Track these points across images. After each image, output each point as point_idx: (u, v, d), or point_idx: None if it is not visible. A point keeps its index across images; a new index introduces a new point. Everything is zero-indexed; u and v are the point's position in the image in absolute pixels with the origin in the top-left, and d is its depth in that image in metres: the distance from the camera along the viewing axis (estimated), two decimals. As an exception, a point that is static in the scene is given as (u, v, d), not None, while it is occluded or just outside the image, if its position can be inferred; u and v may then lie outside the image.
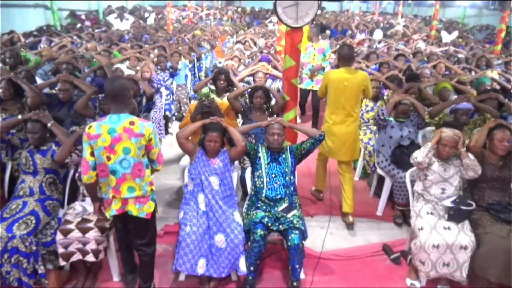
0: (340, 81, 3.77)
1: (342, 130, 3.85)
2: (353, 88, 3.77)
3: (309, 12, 3.69)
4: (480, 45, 10.74)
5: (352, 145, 3.92)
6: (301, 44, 3.88)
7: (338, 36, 11.20)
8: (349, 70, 3.82)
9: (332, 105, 3.88)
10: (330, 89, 3.86)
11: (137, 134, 2.55)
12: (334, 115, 3.87)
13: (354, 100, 3.82)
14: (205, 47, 8.76)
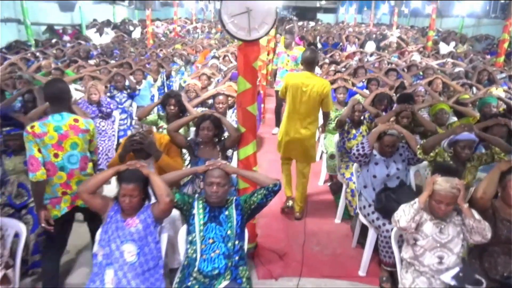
0: (299, 86, 3.76)
1: (298, 132, 3.87)
2: (311, 96, 3.75)
3: (265, 21, 2.89)
4: (481, 56, 9.97)
5: (308, 148, 3.95)
6: (257, 62, 3.07)
7: (327, 49, 10.44)
8: (310, 76, 3.80)
9: (289, 108, 3.91)
10: (289, 92, 3.86)
11: (83, 130, 2.75)
12: (291, 118, 3.89)
13: (311, 108, 3.83)
14: (178, 63, 7.98)
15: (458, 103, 4.59)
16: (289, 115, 3.91)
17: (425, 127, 4.02)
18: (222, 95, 4.28)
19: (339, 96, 5.06)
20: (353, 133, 4.26)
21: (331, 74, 6.53)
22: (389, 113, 4.10)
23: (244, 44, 2.97)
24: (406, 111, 3.99)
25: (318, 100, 3.76)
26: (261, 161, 5.84)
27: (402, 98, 4.23)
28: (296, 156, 4.05)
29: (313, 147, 4.02)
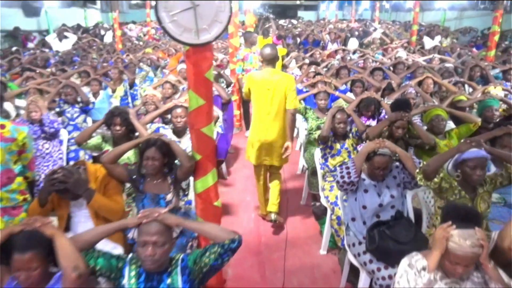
0: (262, 84, 3.54)
1: (269, 135, 3.62)
2: (276, 93, 3.51)
3: (217, 19, 2.24)
4: (467, 49, 9.50)
5: (281, 150, 3.66)
6: (211, 71, 2.42)
7: (308, 48, 9.86)
8: (272, 72, 3.55)
9: (256, 109, 3.67)
10: (252, 92, 3.63)
11: (7, 138, 2.47)
12: (259, 120, 3.64)
13: (279, 106, 3.56)
14: (145, 69, 7.27)
15: (454, 107, 4.02)
16: (257, 117, 3.66)
17: (422, 140, 3.43)
18: (181, 107, 3.61)
19: (320, 102, 4.44)
20: (337, 148, 3.63)
21: (311, 76, 5.92)
22: (382, 123, 3.50)
23: (192, 50, 2.32)
24: (402, 120, 3.40)
25: (284, 96, 3.51)
26: (237, 178, 5.28)
27: (397, 105, 3.63)
28: (271, 161, 3.76)
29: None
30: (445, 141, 3.60)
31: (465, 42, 11.89)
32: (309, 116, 4.48)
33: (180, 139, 3.60)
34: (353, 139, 3.66)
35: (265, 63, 3.57)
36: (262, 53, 3.54)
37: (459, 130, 3.69)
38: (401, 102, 3.68)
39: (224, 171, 5.17)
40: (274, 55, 3.53)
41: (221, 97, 4.97)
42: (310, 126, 4.46)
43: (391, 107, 3.71)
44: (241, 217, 4.27)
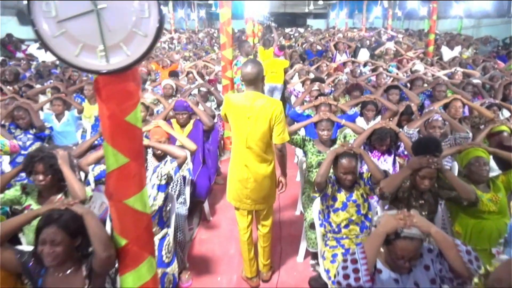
0: (241, 111, 2.76)
1: (249, 173, 2.83)
2: (258, 124, 2.73)
3: (138, 31, 1.35)
4: (492, 61, 8.49)
5: (268, 191, 2.94)
6: (137, 113, 1.53)
7: (314, 59, 8.97)
8: (254, 97, 2.74)
9: (235, 140, 2.89)
10: (230, 119, 2.87)
11: None
12: (239, 153, 2.85)
13: (263, 139, 2.78)
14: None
15: (498, 144, 3.07)
16: (235, 150, 2.90)
17: (458, 193, 2.50)
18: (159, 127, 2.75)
19: (322, 133, 3.52)
20: (341, 201, 2.70)
21: (314, 95, 5.02)
22: (402, 172, 2.56)
23: (102, 81, 1.44)
24: (429, 167, 2.46)
25: (269, 126, 2.74)
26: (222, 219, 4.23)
27: (422, 145, 2.66)
28: (253, 205, 2.94)
29: (273, 186, 2.98)
30: (489, 194, 2.65)
31: (486, 53, 10.87)
32: (308, 150, 3.58)
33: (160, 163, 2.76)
34: (364, 188, 2.74)
35: (246, 84, 2.79)
36: (242, 71, 2.77)
37: (508, 177, 2.75)
38: (427, 142, 2.71)
39: (207, 211, 4.27)
40: (257, 75, 2.73)
41: (202, 122, 4.10)
42: (310, 162, 3.56)
43: (414, 149, 2.77)
44: (218, 279, 3.36)
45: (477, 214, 2.62)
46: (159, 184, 2.66)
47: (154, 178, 2.66)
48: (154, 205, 2.64)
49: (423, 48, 11.01)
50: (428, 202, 2.63)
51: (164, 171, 2.68)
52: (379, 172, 2.64)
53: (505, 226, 2.60)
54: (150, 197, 2.62)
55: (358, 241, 2.69)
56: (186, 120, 4.12)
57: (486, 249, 2.56)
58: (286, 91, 6.82)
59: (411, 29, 20.42)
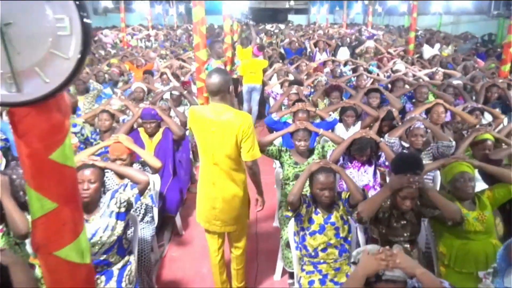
0: (206, 125, 2.53)
1: (218, 192, 2.60)
2: (225, 139, 2.49)
3: (57, 51, 1.08)
4: (472, 60, 8.42)
5: (239, 210, 2.68)
6: (65, 149, 1.27)
7: (293, 58, 8.73)
8: (220, 110, 2.52)
9: (201, 156, 2.65)
10: (195, 133, 2.64)
11: None
12: (206, 170, 2.64)
13: (231, 155, 2.54)
14: (96, 87, 6.09)
15: (484, 158, 2.90)
16: (204, 166, 2.67)
17: (442, 212, 2.32)
18: (89, 167, 2.41)
19: (299, 144, 3.29)
20: (318, 223, 2.48)
21: (292, 98, 4.79)
22: (380, 194, 2.36)
23: (18, 113, 1.17)
24: (410, 187, 2.27)
25: (236, 142, 2.51)
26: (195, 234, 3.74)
27: (402, 163, 2.45)
28: (225, 224, 2.70)
29: (245, 206, 2.76)
30: (475, 212, 2.48)
31: (466, 50, 10.85)
32: (284, 161, 3.35)
33: (89, 218, 2.40)
34: (343, 209, 2.53)
35: (210, 95, 2.57)
36: (206, 81, 2.58)
37: (494, 193, 2.58)
38: (407, 160, 2.51)
39: (179, 225, 4.00)
40: (221, 85, 2.49)
41: (171, 131, 3.82)
42: (286, 174, 3.34)
43: (393, 167, 2.56)
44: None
45: (463, 235, 2.45)
46: (118, 212, 2.39)
47: (112, 205, 2.38)
48: (112, 235, 2.37)
49: (404, 45, 10.93)
50: (410, 222, 2.44)
51: (123, 197, 2.40)
52: (358, 192, 2.43)
53: (492, 247, 2.44)
54: (108, 227, 2.35)
55: (336, 266, 2.48)
56: (154, 129, 3.84)
57: (472, 273, 2.39)
58: (265, 92, 6.58)
59: (391, 25, 20.44)
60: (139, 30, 16.70)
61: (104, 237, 2.33)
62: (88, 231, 2.31)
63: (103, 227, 2.34)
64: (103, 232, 2.33)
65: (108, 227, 2.34)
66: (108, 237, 2.34)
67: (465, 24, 16.67)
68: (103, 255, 2.40)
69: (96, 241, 2.32)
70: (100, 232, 2.33)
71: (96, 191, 2.34)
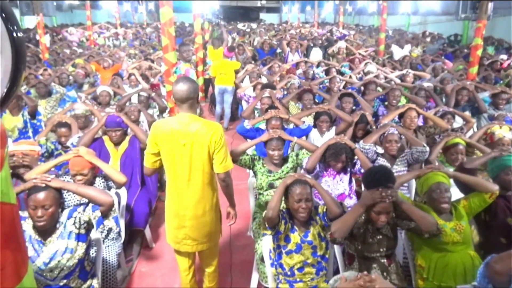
0: (173, 138, 2.36)
1: (189, 209, 2.44)
2: (197, 152, 2.36)
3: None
4: (441, 61, 8.58)
5: (210, 227, 2.54)
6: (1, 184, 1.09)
7: (266, 59, 8.63)
8: (187, 120, 2.38)
9: (169, 174, 2.47)
10: (161, 150, 2.42)
11: None
12: (175, 188, 2.45)
13: (204, 168, 2.41)
14: (58, 91, 5.78)
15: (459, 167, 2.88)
16: (171, 184, 2.49)
17: (419, 225, 2.26)
18: (43, 189, 2.18)
19: (272, 153, 3.17)
20: (295, 242, 2.36)
21: (265, 102, 4.67)
22: (353, 212, 2.25)
23: None
24: (383, 202, 2.19)
25: (208, 154, 2.39)
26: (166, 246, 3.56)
27: (373, 179, 2.31)
28: (196, 242, 2.54)
29: (217, 222, 2.62)
30: (452, 223, 2.44)
31: (434, 51, 11.09)
32: (257, 170, 3.23)
33: (46, 240, 2.19)
34: (320, 224, 2.42)
35: (178, 104, 2.43)
36: (173, 89, 2.43)
37: (469, 202, 2.55)
38: (378, 174, 2.35)
39: (149, 238, 3.81)
40: (190, 93, 2.37)
41: (138, 140, 3.62)
42: (260, 183, 3.22)
43: (364, 182, 2.47)
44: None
45: (441, 246, 2.41)
46: (78, 234, 2.19)
47: (69, 225, 2.19)
48: (73, 258, 2.17)
49: (374, 46, 11.05)
50: (386, 237, 2.37)
51: (83, 219, 2.21)
52: (335, 205, 2.34)
53: (470, 259, 2.41)
54: (67, 249, 2.15)
55: (313, 284, 2.38)
56: (120, 138, 3.64)
57: (451, 286, 2.35)
58: (237, 95, 6.44)
59: (361, 24, 20.73)
60: (106, 28, 16.16)
61: (64, 260, 2.14)
62: (46, 255, 2.12)
63: (61, 250, 2.14)
64: (62, 255, 2.14)
65: (67, 249, 2.15)
66: (68, 260, 2.15)
67: (432, 24, 17.08)
68: (63, 280, 2.21)
69: (55, 265, 2.12)
70: (58, 255, 2.13)
71: (52, 215, 2.13)
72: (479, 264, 2.43)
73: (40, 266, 2.08)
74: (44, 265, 2.09)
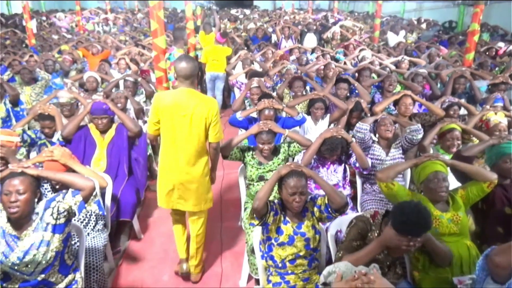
0: (176, 110, 2.63)
1: (184, 173, 2.73)
2: (194, 122, 2.65)
3: None
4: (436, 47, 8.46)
5: (201, 192, 2.83)
6: None
7: (260, 44, 8.45)
8: (189, 94, 2.65)
9: (166, 141, 2.74)
10: (162, 119, 2.68)
11: None
12: (170, 155, 2.74)
13: (197, 138, 2.70)
14: (43, 77, 5.58)
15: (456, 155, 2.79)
16: (167, 151, 2.78)
17: (434, 258, 2.19)
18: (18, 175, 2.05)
19: (262, 147, 3.04)
20: (287, 234, 2.26)
21: (254, 92, 4.51)
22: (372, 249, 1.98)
23: None
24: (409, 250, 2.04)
25: (205, 126, 2.70)
26: (156, 237, 3.47)
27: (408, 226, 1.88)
28: (187, 205, 2.87)
29: (208, 188, 2.91)
30: (449, 213, 2.36)
31: (429, 37, 10.95)
32: (247, 162, 3.12)
33: (21, 234, 2.07)
34: (319, 215, 2.32)
35: (180, 80, 2.69)
36: (176, 67, 2.67)
37: (467, 192, 2.47)
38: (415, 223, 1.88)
39: (137, 229, 3.70)
40: (192, 70, 2.65)
41: (126, 128, 3.49)
42: (250, 175, 3.12)
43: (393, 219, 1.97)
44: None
45: (437, 237, 2.31)
46: (54, 224, 2.07)
47: (47, 217, 2.06)
48: (49, 251, 2.05)
49: (369, 33, 10.88)
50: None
51: (62, 207, 2.09)
52: (337, 195, 2.23)
53: (467, 249, 2.34)
54: (43, 242, 2.03)
55: (305, 276, 2.30)
56: (106, 126, 3.49)
57: (447, 277, 2.27)
58: (229, 82, 6.29)
59: (356, 11, 20.48)
60: (96, 14, 15.77)
61: (39, 254, 2.02)
62: (20, 249, 2.00)
63: (37, 243, 2.03)
64: (38, 249, 2.02)
65: (42, 242, 2.03)
66: (43, 254, 2.03)
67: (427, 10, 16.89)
68: (41, 275, 2.10)
69: (31, 260, 2.01)
70: (33, 249, 2.01)
71: (26, 203, 2.00)
72: (475, 254, 2.36)
73: (14, 261, 1.97)
74: (19, 259, 1.97)
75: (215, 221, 3.96)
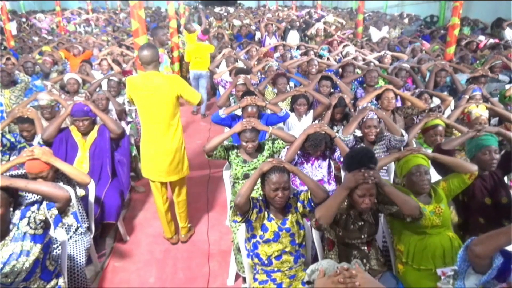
0: (143, 90, 3.10)
1: (162, 144, 3.19)
2: (161, 98, 3.09)
3: None
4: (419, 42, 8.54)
5: (178, 161, 3.29)
6: None
7: (243, 42, 8.43)
8: (152, 75, 3.10)
9: (142, 119, 3.25)
10: (135, 100, 3.21)
11: None
12: (148, 130, 3.22)
13: (167, 112, 3.15)
14: (23, 80, 5.47)
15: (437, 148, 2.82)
16: (145, 127, 3.26)
17: (401, 209, 2.19)
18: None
19: (246, 145, 3.01)
20: (273, 231, 2.26)
21: (240, 89, 4.51)
22: (337, 195, 2.15)
23: None
24: (366, 183, 2.10)
25: (172, 100, 3.13)
26: (142, 238, 3.40)
27: (355, 160, 2.23)
28: (168, 174, 3.30)
29: (184, 158, 3.36)
30: (432, 205, 2.38)
31: (411, 32, 11.07)
32: (232, 161, 3.11)
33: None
34: (302, 211, 2.32)
35: (144, 66, 3.14)
36: (139, 55, 3.11)
37: (449, 184, 2.50)
38: (359, 155, 2.24)
39: (123, 232, 3.66)
40: (152, 56, 3.08)
41: (108, 129, 3.44)
42: (235, 174, 3.10)
43: (345, 164, 2.35)
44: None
45: (420, 230, 2.35)
46: (33, 234, 2.02)
47: (23, 226, 2.01)
48: (28, 260, 2.01)
49: (352, 29, 10.94)
50: (368, 223, 2.30)
51: (39, 218, 2.03)
52: (320, 189, 2.24)
53: (449, 241, 2.36)
54: (22, 252, 1.98)
55: (291, 273, 2.30)
56: (88, 128, 3.43)
57: (430, 269, 2.30)
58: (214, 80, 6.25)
59: (340, 7, 20.58)
60: (77, 14, 15.52)
61: (19, 264, 1.97)
62: (-1, 260, 1.94)
63: (16, 253, 1.97)
64: (17, 259, 1.97)
65: (22, 252, 1.98)
66: (23, 263, 1.98)
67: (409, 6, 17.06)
68: (22, 283, 2.05)
69: (10, 270, 1.95)
70: (13, 259, 1.96)
71: (1, 219, 1.94)
72: (458, 245, 2.40)
73: None
74: None
75: (202, 221, 3.94)
